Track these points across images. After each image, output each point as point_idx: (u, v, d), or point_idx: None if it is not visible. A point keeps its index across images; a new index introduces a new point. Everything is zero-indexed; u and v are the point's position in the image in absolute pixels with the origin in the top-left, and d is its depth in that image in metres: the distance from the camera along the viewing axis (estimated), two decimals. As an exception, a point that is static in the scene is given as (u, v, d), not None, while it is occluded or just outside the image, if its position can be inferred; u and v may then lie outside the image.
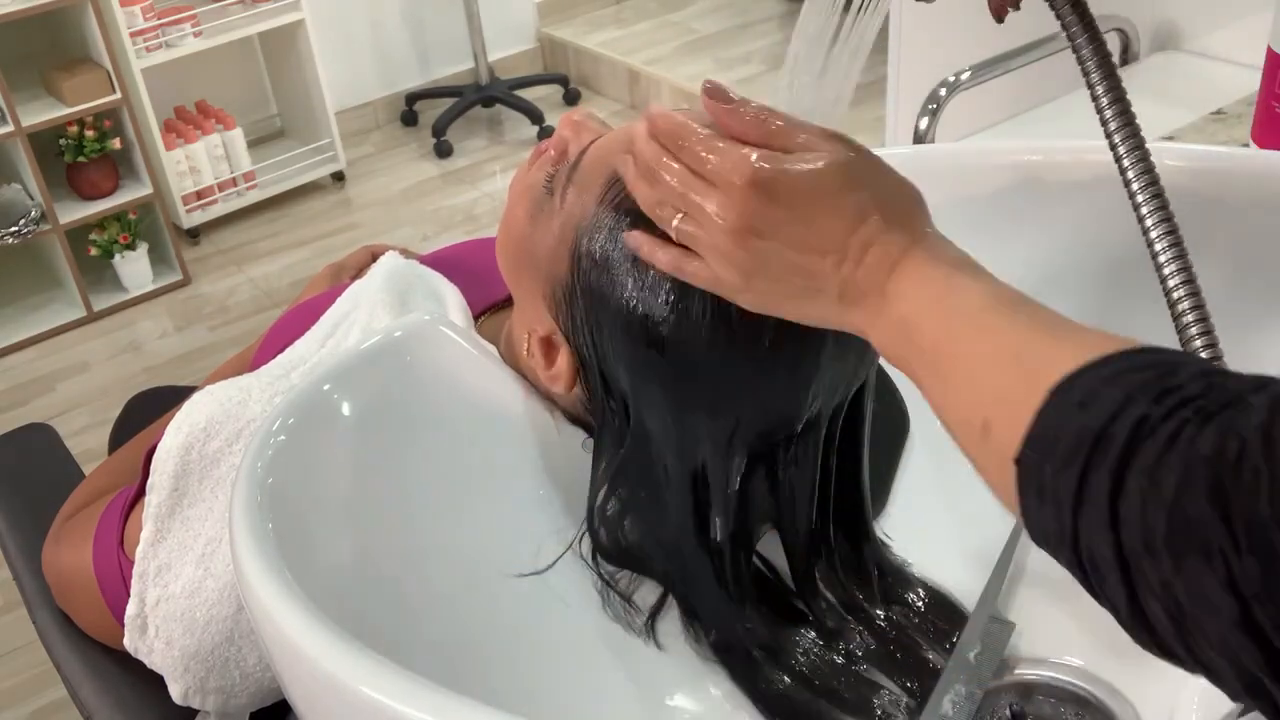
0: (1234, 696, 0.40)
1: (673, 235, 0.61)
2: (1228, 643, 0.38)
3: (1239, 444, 0.38)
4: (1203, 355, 0.63)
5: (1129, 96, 0.69)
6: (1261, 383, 0.41)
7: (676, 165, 0.59)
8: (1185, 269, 0.65)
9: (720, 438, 0.69)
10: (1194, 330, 0.64)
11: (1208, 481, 0.38)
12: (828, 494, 0.75)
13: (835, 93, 0.62)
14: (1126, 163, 0.67)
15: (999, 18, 0.70)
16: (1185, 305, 0.64)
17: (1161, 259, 0.65)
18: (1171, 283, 0.65)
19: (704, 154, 0.59)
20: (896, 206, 0.57)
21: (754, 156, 0.57)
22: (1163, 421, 0.41)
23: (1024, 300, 0.52)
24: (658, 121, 0.62)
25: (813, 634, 0.75)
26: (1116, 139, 0.67)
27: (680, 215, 0.59)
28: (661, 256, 0.62)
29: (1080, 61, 0.68)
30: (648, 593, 0.76)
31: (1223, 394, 0.41)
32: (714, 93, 0.61)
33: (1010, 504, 0.47)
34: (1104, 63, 0.68)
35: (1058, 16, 0.68)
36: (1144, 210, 0.66)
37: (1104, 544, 0.41)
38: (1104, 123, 0.68)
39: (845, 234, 0.55)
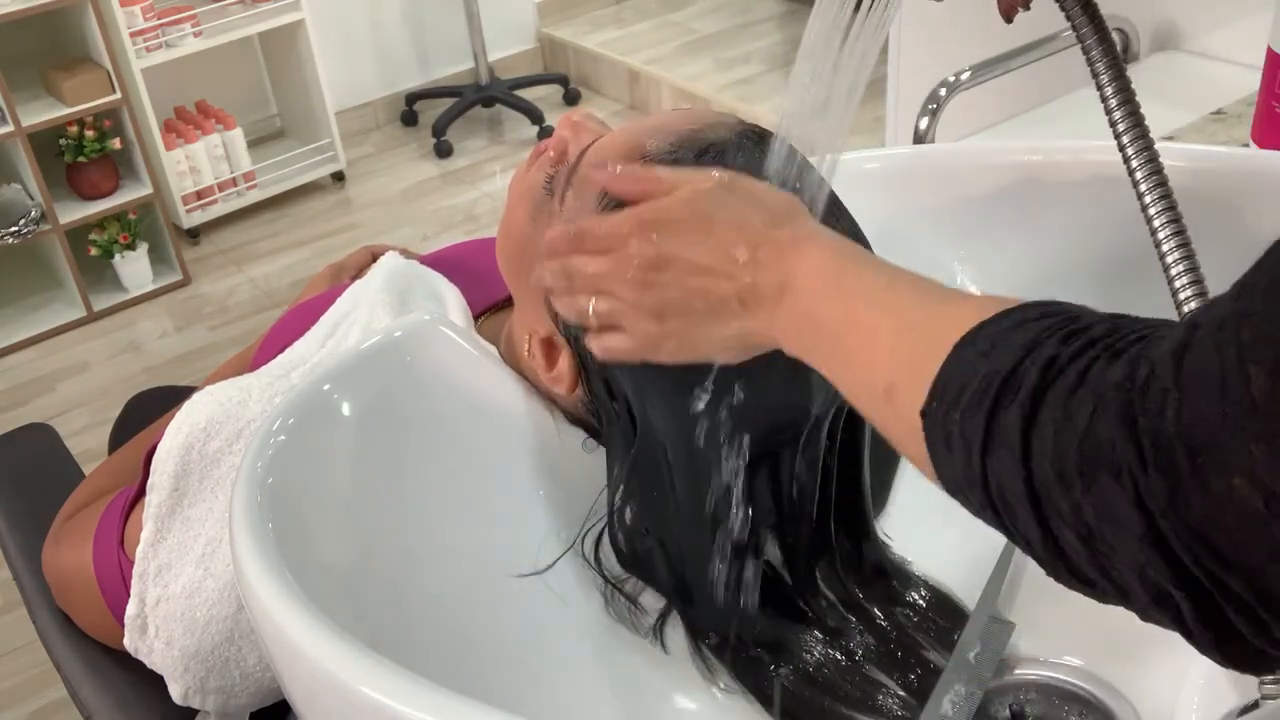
0: (1143, 614, 0.41)
1: (594, 322, 0.62)
2: (1135, 558, 0.38)
3: (1149, 369, 0.39)
4: None
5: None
6: (1168, 321, 0.42)
7: (577, 257, 0.62)
8: (1193, 269, 0.65)
9: (723, 438, 0.69)
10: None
11: (1118, 405, 0.39)
12: (829, 493, 0.75)
13: (848, 87, 0.62)
14: (1135, 163, 0.67)
15: (1008, 18, 0.70)
16: (1193, 306, 0.64)
17: (1170, 259, 0.65)
18: (1179, 283, 0.65)
19: (593, 231, 0.61)
20: (776, 210, 0.59)
21: (633, 208, 0.60)
22: (1072, 361, 0.42)
23: (917, 277, 0.54)
24: (549, 238, 0.64)
25: (815, 633, 0.75)
26: (1125, 139, 0.67)
27: (593, 299, 0.61)
28: (595, 346, 0.63)
29: (1090, 62, 0.68)
30: (653, 593, 0.76)
31: (1130, 332, 0.42)
32: (596, 165, 0.64)
33: (920, 460, 0.48)
34: (1113, 63, 0.68)
35: (1067, 16, 0.68)
36: (1151, 211, 0.66)
37: (1014, 478, 0.42)
38: (1112, 123, 0.68)
39: (733, 243, 0.57)
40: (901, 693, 0.73)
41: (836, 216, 0.69)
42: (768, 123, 0.70)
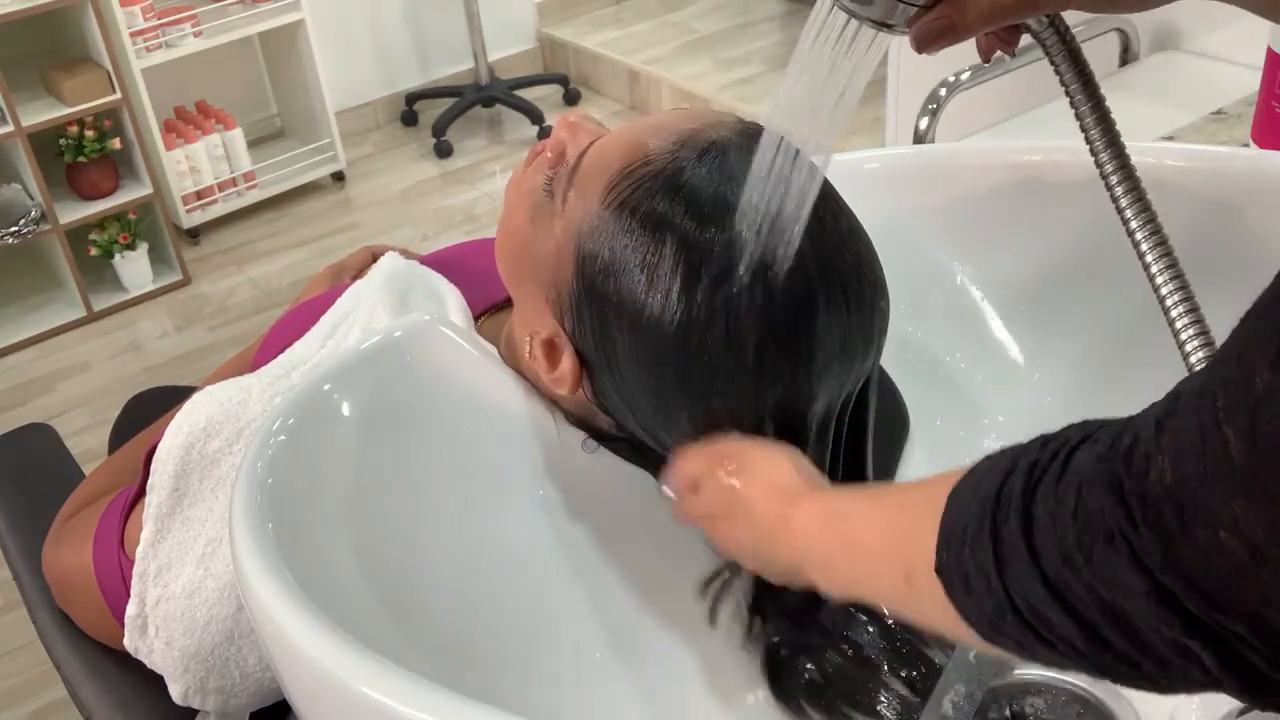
0: (1184, 679, 0.41)
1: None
2: (1149, 619, 0.40)
3: (1132, 437, 0.40)
4: (1200, 353, 0.63)
5: (1130, 99, 0.69)
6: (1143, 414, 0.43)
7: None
8: (1184, 286, 0.64)
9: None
10: (1192, 338, 0.64)
11: (1103, 474, 0.41)
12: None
13: (824, 127, 0.63)
14: (1119, 192, 0.67)
15: (986, 59, 0.71)
16: (1180, 308, 0.64)
17: (1154, 272, 0.65)
18: (1166, 294, 0.64)
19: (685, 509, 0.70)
20: (769, 483, 0.65)
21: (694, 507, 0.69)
22: (1053, 459, 0.44)
23: (878, 486, 0.61)
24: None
25: (822, 632, 0.75)
26: (1108, 169, 0.67)
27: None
28: None
29: (1065, 85, 0.68)
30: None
31: (1107, 425, 0.44)
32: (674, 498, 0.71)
33: (961, 630, 0.49)
34: (1088, 83, 0.67)
35: (1039, 41, 0.68)
36: (1139, 237, 0.66)
37: (1033, 582, 0.43)
38: (1089, 141, 0.68)
39: (748, 530, 0.65)
40: (905, 691, 0.73)
41: (835, 215, 0.69)
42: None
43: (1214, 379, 0.38)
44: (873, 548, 0.55)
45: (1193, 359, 0.62)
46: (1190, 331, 0.64)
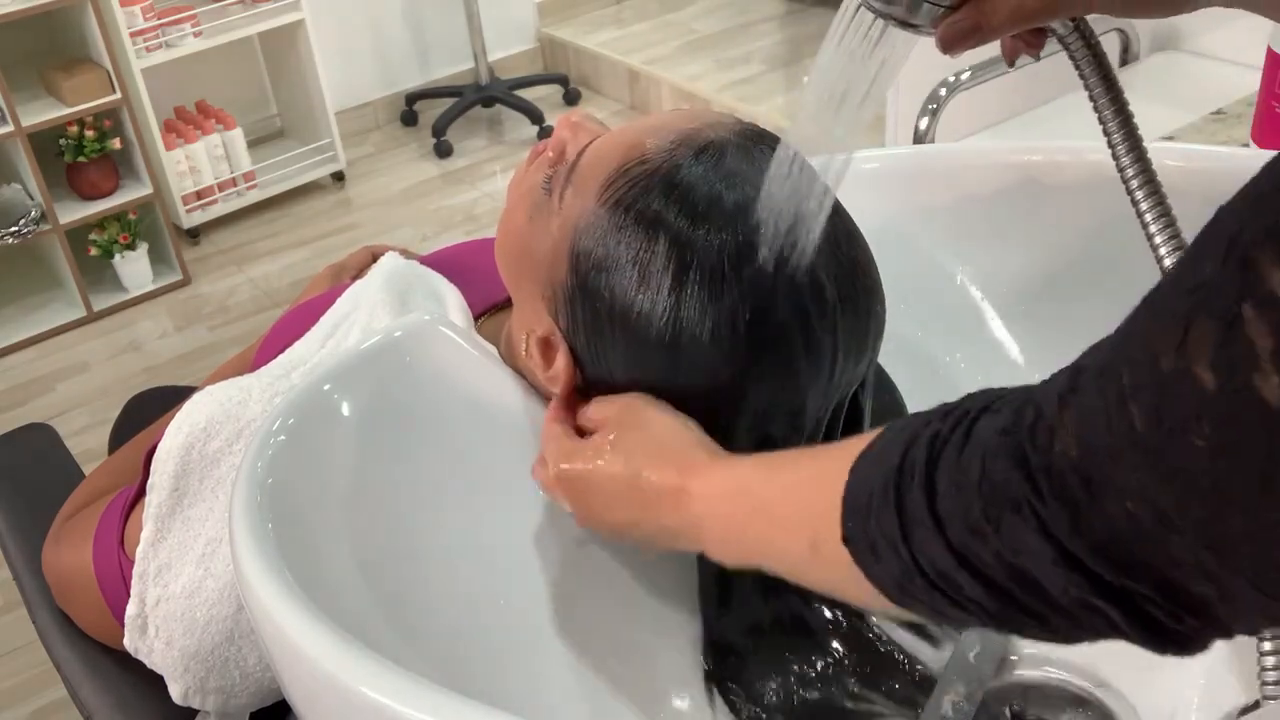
0: (1093, 633, 0.43)
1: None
2: (1058, 582, 0.41)
3: (1035, 410, 0.42)
4: None
5: (1130, 98, 0.69)
6: (1045, 382, 0.44)
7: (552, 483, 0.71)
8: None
9: (718, 436, 0.69)
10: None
11: (1008, 446, 0.42)
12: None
13: (845, 129, 0.63)
14: (1130, 171, 0.67)
15: (1010, 62, 0.71)
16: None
17: (1166, 264, 0.65)
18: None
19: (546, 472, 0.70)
20: (663, 451, 0.65)
21: (552, 466, 0.69)
22: (954, 429, 0.45)
23: (780, 454, 0.60)
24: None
25: (821, 638, 0.75)
26: (1125, 162, 0.67)
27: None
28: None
29: (1087, 87, 0.68)
30: None
31: (1006, 393, 0.45)
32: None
33: (868, 596, 0.49)
34: (1110, 85, 0.68)
35: (1061, 42, 0.68)
36: (1147, 217, 0.66)
37: (939, 549, 0.45)
38: (1106, 132, 0.68)
39: (634, 505, 0.64)
40: (903, 693, 0.73)
41: (832, 221, 0.69)
42: (767, 123, 0.70)
43: (1119, 357, 0.39)
44: (777, 518, 0.56)
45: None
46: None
